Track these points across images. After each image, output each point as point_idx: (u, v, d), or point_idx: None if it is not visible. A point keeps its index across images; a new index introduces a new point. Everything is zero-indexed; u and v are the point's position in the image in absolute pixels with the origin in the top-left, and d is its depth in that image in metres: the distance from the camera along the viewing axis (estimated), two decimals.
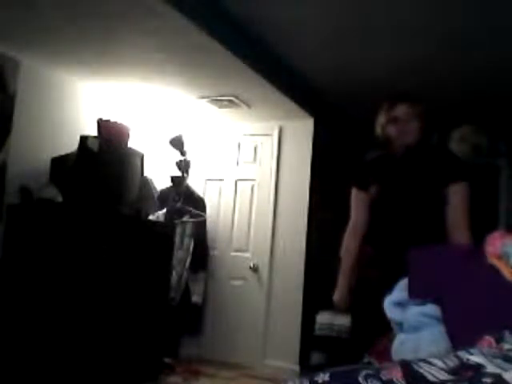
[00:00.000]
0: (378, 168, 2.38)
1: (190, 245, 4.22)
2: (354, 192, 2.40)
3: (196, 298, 4.31)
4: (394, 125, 2.27)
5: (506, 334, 1.02)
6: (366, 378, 0.86)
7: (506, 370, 0.82)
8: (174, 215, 4.16)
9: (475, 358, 0.88)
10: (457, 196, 2.15)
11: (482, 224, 3.98)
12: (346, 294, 2.36)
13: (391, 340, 1.41)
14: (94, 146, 3.33)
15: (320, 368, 0.97)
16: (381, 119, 2.34)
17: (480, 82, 3.58)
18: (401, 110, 2.27)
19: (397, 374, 0.85)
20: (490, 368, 0.84)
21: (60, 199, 3.31)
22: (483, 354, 0.90)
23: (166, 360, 3.95)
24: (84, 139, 3.36)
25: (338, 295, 2.40)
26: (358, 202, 2.38)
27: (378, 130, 2.35)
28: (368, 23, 2.84)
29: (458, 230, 2.11)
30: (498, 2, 2.51)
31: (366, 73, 3.54)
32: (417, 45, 3.06)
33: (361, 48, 3.18)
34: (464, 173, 2.21)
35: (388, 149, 2.34)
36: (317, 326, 3.85)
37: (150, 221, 3.97)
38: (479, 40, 2.93)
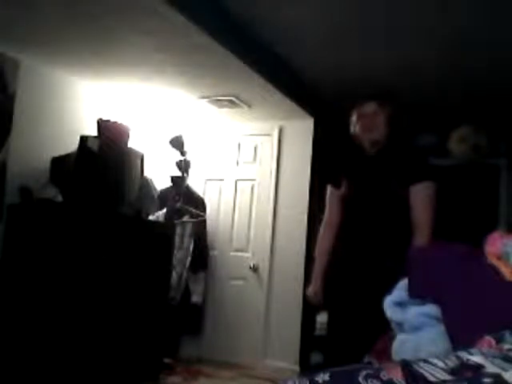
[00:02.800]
0: (349, 166, 2.45)
1: (190, 245, 4.22)
2: (328, 189, 2.48)
3: (196, 298, 4.31)
4: (361, 121, 2.34)
5: (506, 334, 1.02)
6: (366, 378, 0.86)
7: (506, 370, 0.82)
8: (174, 215, 4.17)
9: (475, 358, 0.88)
10: (417, 196, 2.18)
11: (482, 224, 4.00)
12: (319, 289, 2.41)
13: (391, 340, 1.41)
14: (94, 145, 3.33)
15: (320, 368, 0.97)
16: (352, 118, 2.40)
17: (480, 82, 3.58)
18: (367, 107, 2.34)
19: (397, 374, 0.85)
20: (490, 368, 0.84)
21: (60, 199, 3.31)
22: (483, 354, 0.90)
23: (166, 360, 3.95)
24: (84, 139, 3.36)
25: (311, 290, 2.45)
26: (331, 199, 2.45)
27: (351, 129, 2.42)
28: (368, 23, 2.84)
29: (417, 230, 2.15)
30: (498, 2, 2.51)
31: (366, 72, 3.54)
32: (417, 45, 3.06)
33: (361, 48, 3.18)
34: (425, 173, 2.24)
35: (359, 147, 2.40)
36: (317, 326, 3.85)
37: (150, 221, 3.97)
38: (479, 40, 2.93)
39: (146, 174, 3.91)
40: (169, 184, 4.40)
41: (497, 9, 2.56)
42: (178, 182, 4.34)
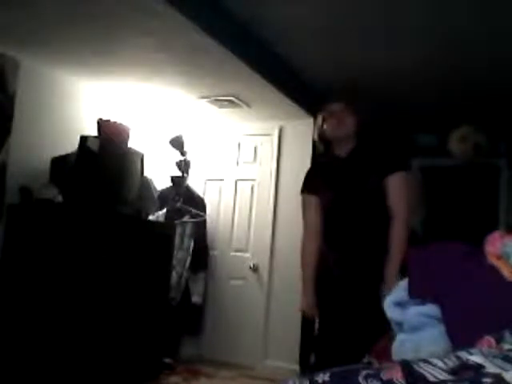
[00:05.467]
0: (324, 171, 2.45)
1: (190, 245, 4.22)
2: (304, 197, 2.48)
3: (196, 298, 4.31)
4: (329, 119, 2.36)
5: (506, 333, 1.02)
6: (366, 378, 0.86)
7: (506, 370, 0.82)
8: (174, 215, 4.16)
9: (475, 358, 0.88)
10: (392, 187, 2.21)
11: (482, 224, 4.00)
12: (313, 301, 2.35)
13: (391, 340, 1.41)
14: (94, 145, 3.33)
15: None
16: (318, 120, 2.44)
17: (480, 82, 3.58)
18: (335, 106, 2.37)
19: (397, 374, 0.85)
20: (490, 368, 0.84)
21: (60, 199, 3.31)
22: (483, 354, 0.90)
23: (166, 360, 3.95)
24: (84, 139, 3.36)
25: (304, 304, 2.39)
26: (309, 206, 2.45)
27: (316, 130, 2.46)
28: (368, 23, 2.84)
29: (394, 220, 2.18)
30: (498, 2, 2.51)
31: (365, 73, 3.54)
32: (417, 45, 3.06)
33: (360, 48, 3.18)
34: (396, 164, 2.27)
35: (330, 150, 2.42)
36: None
37: (150, 221, 3.97)
38: (479, 40, 2.93)
39: (146, 173, 3.91)
40: (169, 184, 4.40)
41: (496, 9, 2.56)
42: (178, 182, 4.34)
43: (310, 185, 2.47)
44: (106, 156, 3.38)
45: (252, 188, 4.56)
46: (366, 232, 2.25)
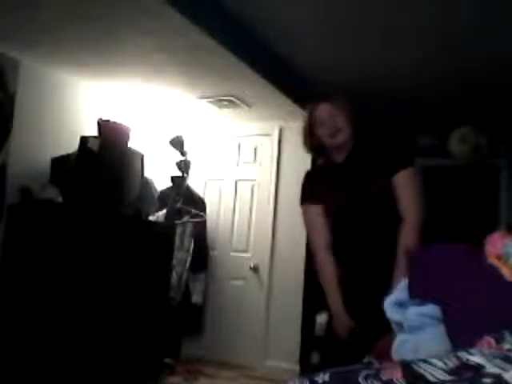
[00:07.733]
0: (324, 179, 2.29)
1: (190, 245, 4.22)
2: (308, 207, 2.30)
3: (196, 298, 4.31)
4: (322, 127, 2.22)
5: (506, 333, 1.02)
6: (366, 378, 0.86)
7: (506, 370, 0.82)
8: (174, 215, 4.16)
9: (475, 359, 0.88)
10: (400, 186, 2.08)
11: (482, 224, 3.99)
12: (350, 323, 2.06)
13: (391, 340, 1.41)
14: (94, 146, 3.33)
15: (317, 368, 0.97)
16: (305, 125, 2.32)
17: (480, 83, 3.58)
18: (324, 110, 2.23)
19: (397, 374, 0.85)
20: (490, 368, 0.84)
21: (60, 199, 3.31)
22: (483, 354, 0.90)
23: (166, 360, 3.95)
24: (84, 139, 3.36)
25: (342, 328, 2.07)
26: (316, 217, 2.25)
27: (303, 138, 2.36)
28: (368, 23, 2.84)
29: (404, 223, 2.04)
30: (498, 2, 2.51)
31: (365, 73, 3.54)
32: (417, 45, 3.06)
33: (361, 48, 3.18)
34: (401, 161, 2.14)
35: (326, 155, 2.31)
36: (316, 327, 3.85)
37: (150, 221, 3.97)
38: (479, 40, 2.93)
39: (146, 174, 3.91)
40: (169, 184, 4.40)
41: (496, 9, 2.56)
42: (178, 182, 4.34)
43: (313, 193, 2.28)
44: (106, 156, 3.38)
45: (252, 188, 4.56)
46: (379, 242, 2.08)
